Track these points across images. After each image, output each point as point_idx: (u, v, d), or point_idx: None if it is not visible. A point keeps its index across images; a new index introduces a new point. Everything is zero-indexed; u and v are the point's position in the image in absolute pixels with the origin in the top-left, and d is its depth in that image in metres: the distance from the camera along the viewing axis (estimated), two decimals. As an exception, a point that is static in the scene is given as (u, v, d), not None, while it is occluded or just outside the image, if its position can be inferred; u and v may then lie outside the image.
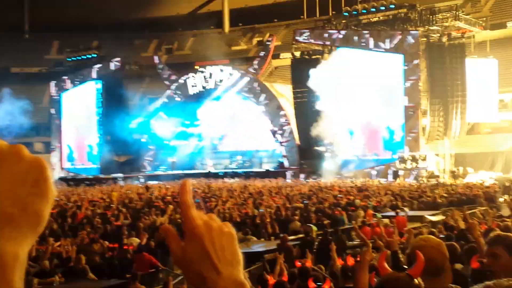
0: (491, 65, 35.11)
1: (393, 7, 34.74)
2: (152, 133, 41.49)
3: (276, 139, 38.32)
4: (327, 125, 33.92)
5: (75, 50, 45.55)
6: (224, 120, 41.46)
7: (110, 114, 39.70)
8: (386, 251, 4.05)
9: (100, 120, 42.12)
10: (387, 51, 33.77)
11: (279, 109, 37.94)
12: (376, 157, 33.81)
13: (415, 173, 31.27)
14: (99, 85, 42.51)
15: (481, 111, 34.37)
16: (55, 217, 14.10)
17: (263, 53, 42.42)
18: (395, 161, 32.32)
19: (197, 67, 41.54)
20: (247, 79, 39.74)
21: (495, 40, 39.83)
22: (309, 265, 7.24)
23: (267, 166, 39.72)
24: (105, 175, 38.67)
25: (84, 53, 44.83)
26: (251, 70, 40.70)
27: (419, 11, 34.05)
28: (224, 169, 40.94)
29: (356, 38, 34.85)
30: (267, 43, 43.57)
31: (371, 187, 23.57)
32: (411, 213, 14.71)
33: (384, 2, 34.89)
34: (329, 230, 11.50)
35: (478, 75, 33.55)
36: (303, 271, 6.45)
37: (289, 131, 37.40)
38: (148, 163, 42.35)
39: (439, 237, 6.56)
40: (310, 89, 33.85)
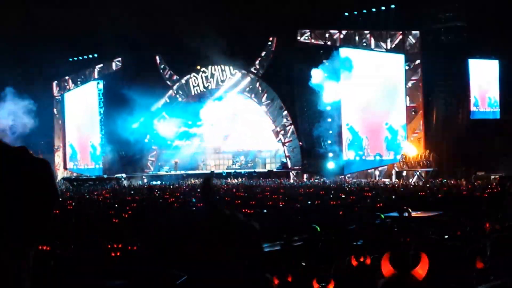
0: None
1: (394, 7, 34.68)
2: (154, 133, 41.52)
3: (278, 140, 38.33)
4: (329, 126, 33.98)
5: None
6: (226, 120, 41.47)
7: (112, 114, 39.72)
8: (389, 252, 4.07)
9: (102, 120, 42.16)
10: (388, 51, 33.77)
11: (282, 109, 37.94)
12: (379, 157, 33.81)
13: (418, 173, 31.26)
14: (101, 85, 42.57)
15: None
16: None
17: (264, 52, 42.32)
18: (398, 161, 32.32)
19: (198, 67, 41.48)
20: (248, 79, 39.74)
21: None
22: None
23: (270, 166, 39.75)
24: (108, 175, 38.79)
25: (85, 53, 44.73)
26: (252, 70, 40.64)
27: (420, 11, 33.94)
28: (227, 169, 40.98)
29: (357, 38, 34.84)
30: (269, 42, 43.43)
31: (374, 187, 23.57)
32: (414, 214, 14.71)
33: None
34: (332, 230, 11.50)
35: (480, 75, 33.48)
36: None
37: (292, 131, 37.40)
38: (151, 163, 42.41)
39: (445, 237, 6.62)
40: (311, 89, 33.85)
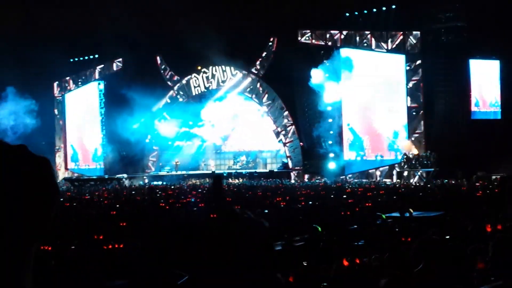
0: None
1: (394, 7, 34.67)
2: (155, 133, 41.52)
3: (279, 140, 38.33)
4: (329, 126, 33.95)
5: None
6: (227, 120, 41.46)
7: (113, 114, 39.71)
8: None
9: (103, 120, 42.16)
10: (388, 51, 33.76)
11: (283, 109, 37.94)
12: (380, 158, 33.80)
13: (419, 173, 31.25)
14: (101, 86, 42.58)
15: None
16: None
17: (265, 53, 42.30)
18: (400, 162, 32.31)
19: (199, 68, 41.46)
20: (249, 79, 39.73)
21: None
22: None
23: (271, 166, 39.74)
24: (109, 176, 38.79)
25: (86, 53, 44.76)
26: (253, 70, 40.62)
27: (420, 11, 33.94)
28: (228, 169, 40.97)
29: (357, 38, 34.84)
30: (269, 43, 43.43)
31: (375, 188, 23.58)
32: (416, 214, 14.70)
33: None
34: (334, 230, 11.50)
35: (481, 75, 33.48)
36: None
37: (293, 132, 37.40)
38: (152, 163, 42.41)
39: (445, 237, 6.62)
40: (312, 89, 33.84)
